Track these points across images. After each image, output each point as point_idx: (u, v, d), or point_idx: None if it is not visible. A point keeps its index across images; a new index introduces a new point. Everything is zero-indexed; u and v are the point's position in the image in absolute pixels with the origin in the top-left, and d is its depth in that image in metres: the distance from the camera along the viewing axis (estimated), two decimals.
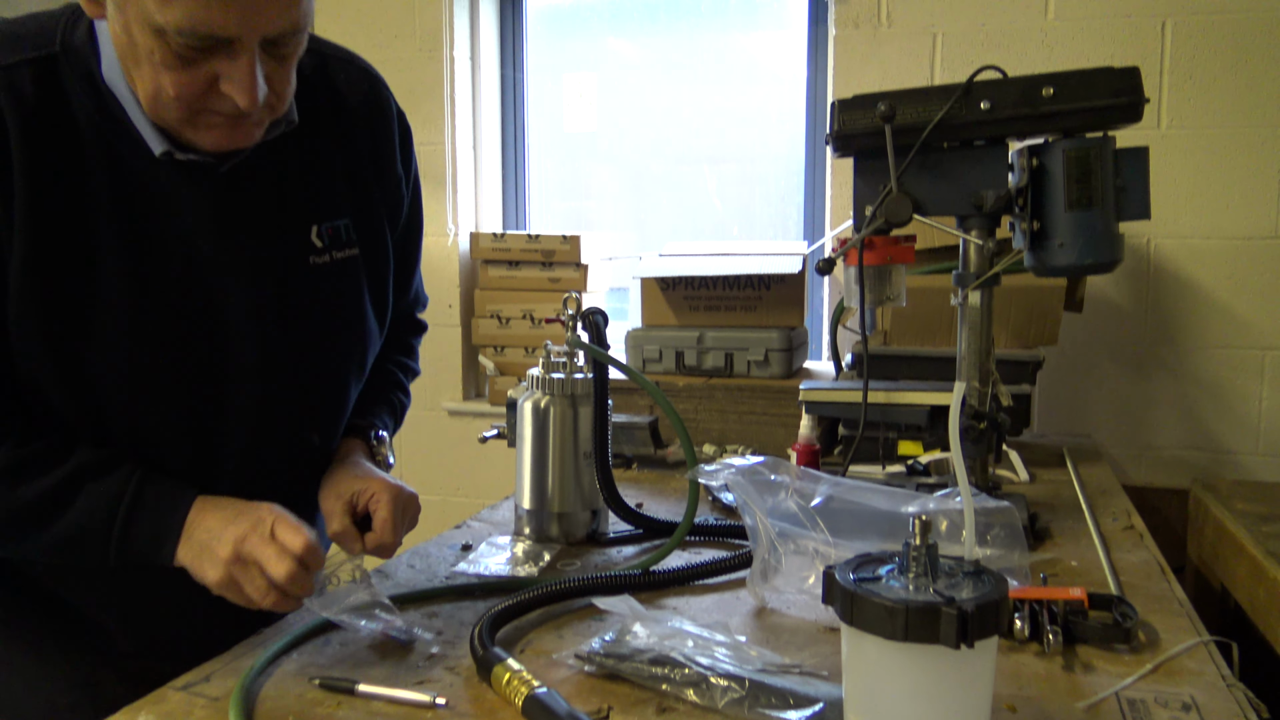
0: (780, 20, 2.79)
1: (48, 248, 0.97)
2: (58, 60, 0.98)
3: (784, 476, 1.19)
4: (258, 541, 0.97)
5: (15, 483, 0.98)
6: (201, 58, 0.91)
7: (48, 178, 0.97)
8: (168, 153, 1.00)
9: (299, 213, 1.12)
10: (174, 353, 1.05)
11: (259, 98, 0.94)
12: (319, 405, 1.19)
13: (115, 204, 1.00)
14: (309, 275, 1.12)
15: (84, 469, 1.00)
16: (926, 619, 0.72)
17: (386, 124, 1.22)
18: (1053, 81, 1.30)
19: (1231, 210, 2.30)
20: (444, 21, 2.77)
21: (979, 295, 1.38)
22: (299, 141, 1.11)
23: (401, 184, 1.24)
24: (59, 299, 0.98)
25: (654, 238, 2.94)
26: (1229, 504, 1.98)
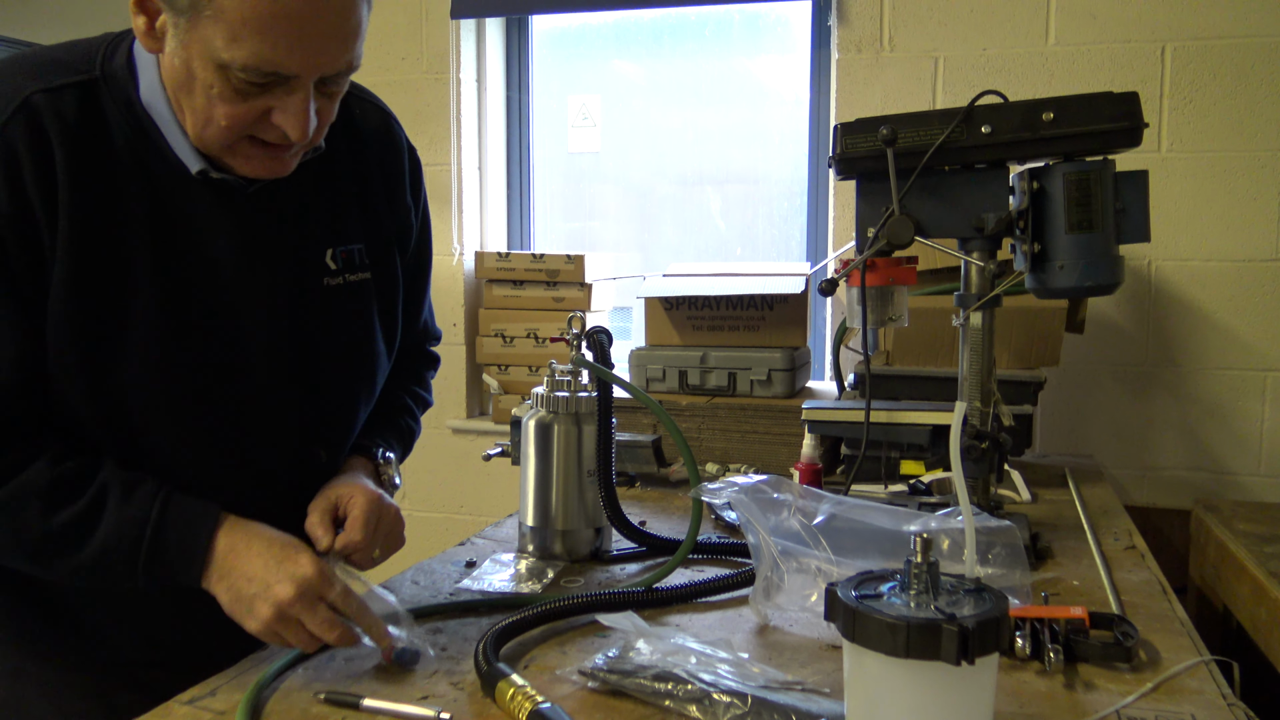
0: (784, 44, 2.82)
1: (87, 266, 1.00)
2: (98, 84, 1.02)
3: (787, 495, 1.20)
4: (305, 608, 0.99)
5: (48, 508, 0.99)
6: (258, 92, 0.96)
7: (89, 197, 1.00)
8: (204, 171, 1.04)
9: (316, 236, 1.16)
10: (196, 368, 1.07)
11: (308, 133, 0.99)
12: (327, 422, 1.21)
13: (149, 223, 1.03)
14: (323, 296, 1.16)
15: (108, 491, 1.01)
16: (928, 636, 0.73)
17: (398, 156, 1.27)
18: (1053, 106, 1.32)
19: (1232, 233, 2.31)
20: (451, 44, 2.80)
21: (980, 316, 1.39)
22: (318, 168, 1.15)
23: (411, 213, 1.29)
24: (95, 316, 1.01)
25: (658, 258, 2.96)
26: (1231, 524, 1.98)
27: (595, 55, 2.98)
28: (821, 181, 2.74)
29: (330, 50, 0.96)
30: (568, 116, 2.99)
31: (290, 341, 1.13)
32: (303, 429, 1.17)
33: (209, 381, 1.08)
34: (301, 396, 1.16)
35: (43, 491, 0.99)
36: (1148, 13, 2.31)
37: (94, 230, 1.00)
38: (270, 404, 1.13)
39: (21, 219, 0.97)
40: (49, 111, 0.98)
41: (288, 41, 0.92)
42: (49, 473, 0.99)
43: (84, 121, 1.00)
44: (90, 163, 1.00)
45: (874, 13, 2.46)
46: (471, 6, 2.77)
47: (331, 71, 0.98)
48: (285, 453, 1.16)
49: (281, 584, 0.98)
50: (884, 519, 1.16)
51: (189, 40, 0.94)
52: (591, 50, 2.98)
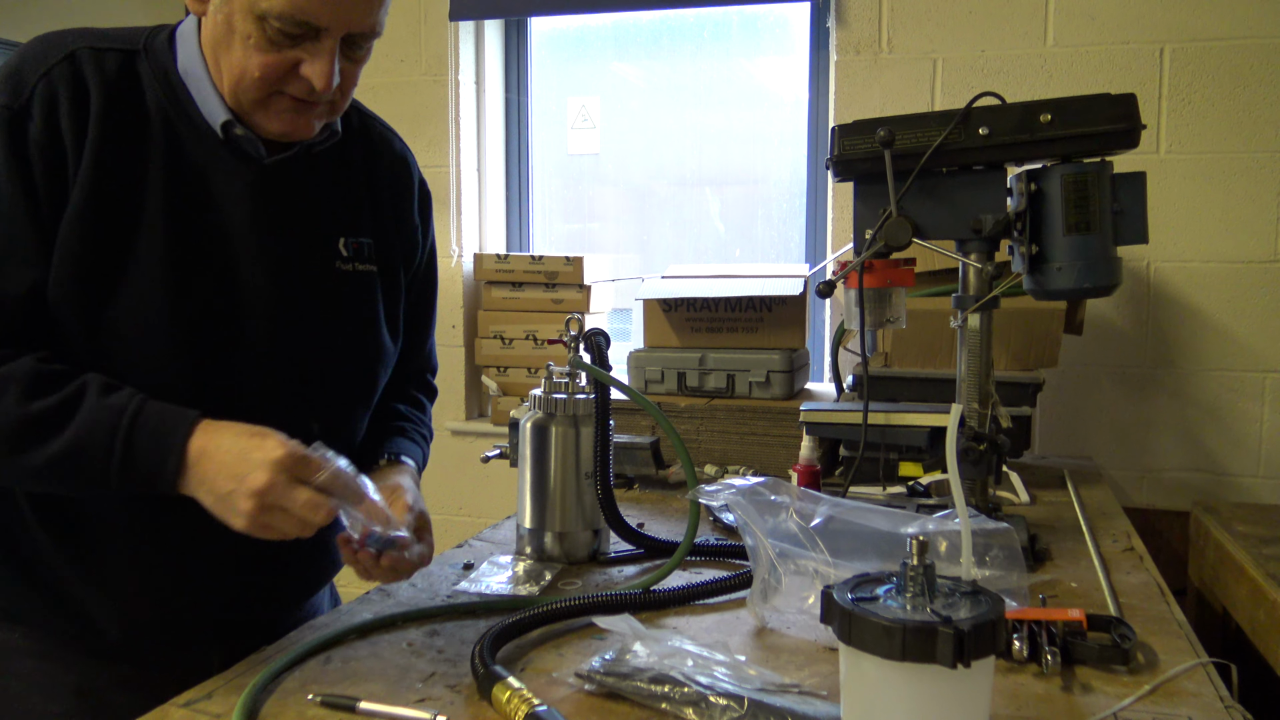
0: (782, 45, 2.82)
1: (101, 204, 1.06)
2: (139, 55, 1.13)
3: (784, 497, 1.19)
4: (283, 491, 0.97)
5: (28, 395, 1.00)
6: (290, 44, 1.06)
7: (114, 143, 1.07)
8: (229, 123, 1.11)
9: (328, 222, 1.22)
10: (193, 317, 1.10)
11: (333, 84, 1.08)
12: (322, 395, 1.22)
13: (167, 176, 1.10)
14: (333, 278, 1.21)
15: (87, 386, 1.02)
16: (923, 638, 0.73)
17: (409, 179, 1.35)
18: (1050, 108, 1.32)
19: (1230, 234, 2.31)
20: (450, 47, 2.81)
21: (978, 318, 1.39)
22: (333, 164, 1.23)
23: (417, 232, 1.34)
24: (101, 251, 1.06)
25: (656, 259, 2.96)
26: (1229, 526, 1.98)
27: (594, 57, 2.98)
28: (820, 183, 2.74)
29: (358, 9, 1.07)
30: (567, 118, 3.00)
31: (292, 314, 1.17)
32: (296, 399, 1.19)
33: (204, 334, 1.11)
34: (295, 368, 1.18)
35: (24, 379, 1.01)
36: (1146, 14, 2.31)
37: (113, 173, 1.07)
38: (264, 368, 1.16)
39: (52, 149, 1.04)
40: (91, 64, 1.08)
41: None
42: (33, 366, 1.02)
43: (121, 79, 1.10)
44: (121, 115, 1.08)
45: (872, 14, 2.46)
46: (470, 8, 2.77)
47: (358, 29, 1.08)
48: (276, 420, 1.14)
49: (254, 472, 0.97)
50: (881, 521, 1.15)
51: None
52: (590, 52, 2.98)
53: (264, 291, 1.15)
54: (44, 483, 1.05)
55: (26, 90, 1.05)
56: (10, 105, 1.04)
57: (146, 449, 1.01)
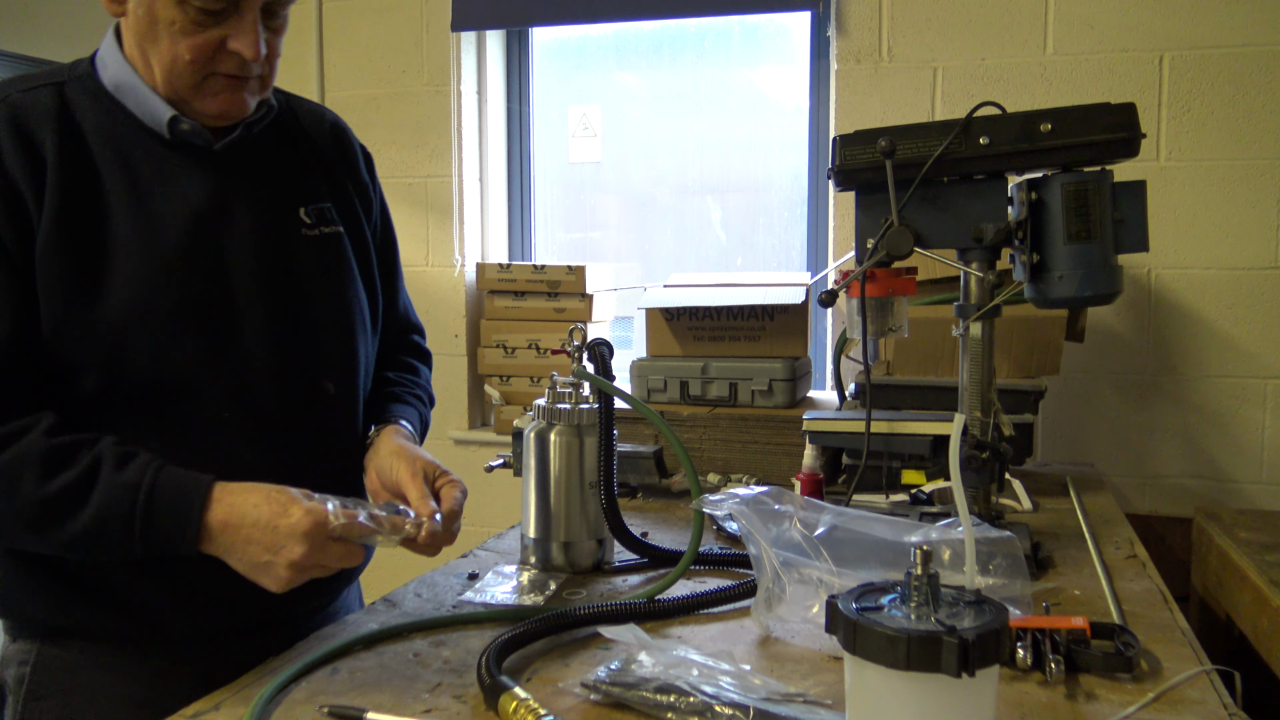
0: (783, 54, 2.83)
1: (70, 228, 1.09)
2: (67, 85, 1.17)
3: (788, 506, 1.20)
4: (317, 554, 1.03)
5: (44, 475, 1.02)
6: (213, 22, 1.10)
7: (71, 171, 1.11)
8: (175, 119, 1.15)
9: (287, 194, 1.26)
10: (186, 304, 1.14)
11: (260, 53, 1.12)
12: (329, 355, 1.27)
13: (126, 187, 1.14)
14: (303, 243, 1.25)
15: (102, 460, 1.05)
16: (928, 648, 0.73)
17: (349, 141, 1.39)
18: (1050, 117, 1.32)
19: (1231, 241, 2.32)
20: (452, 57, 2.82)
21: (980, 326, 1.40)
22: (277, 139, 1.28)
23: (369, 189, 1.40)
24: (80, 267, 1.09)
25: (658, 268, 2.97)
26: (1232, 533, 1.98)
27: (595, 66, 2.99)
28: (821, 190, 2.75)
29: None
30: (568, 127, 3.01)
31: (280, 284, 1.21)
32: (306, 364, 1.23)
33: (203, 319, 1.15)
34: (297, 333, 1.23)
35: (38, 459, 1.03)
36: (1145, 22, 2.32)
37: (76, 198, 1.10)
38: (270, 341, 1.19)
39: (7, 192, 1.07)
40: (28, 104, 1.12)
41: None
42: (44, 442, 1.04)
43: (59, 111, 1.13)
44: (67, 142, 1.12)
45: (873, 23, 2.47)
46: (472, 19, 2.78)
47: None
48: (293, 387, 1.23)
49: (289, 545, 1.02)
50: (885, 530, 1.16)
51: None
52: (592, 61, 2.99)
53: (247, 268, 1.18)
54: (69, 553, 1.09)
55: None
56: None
57: (165, 519, 1.04)
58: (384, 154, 2.86)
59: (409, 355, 1.49)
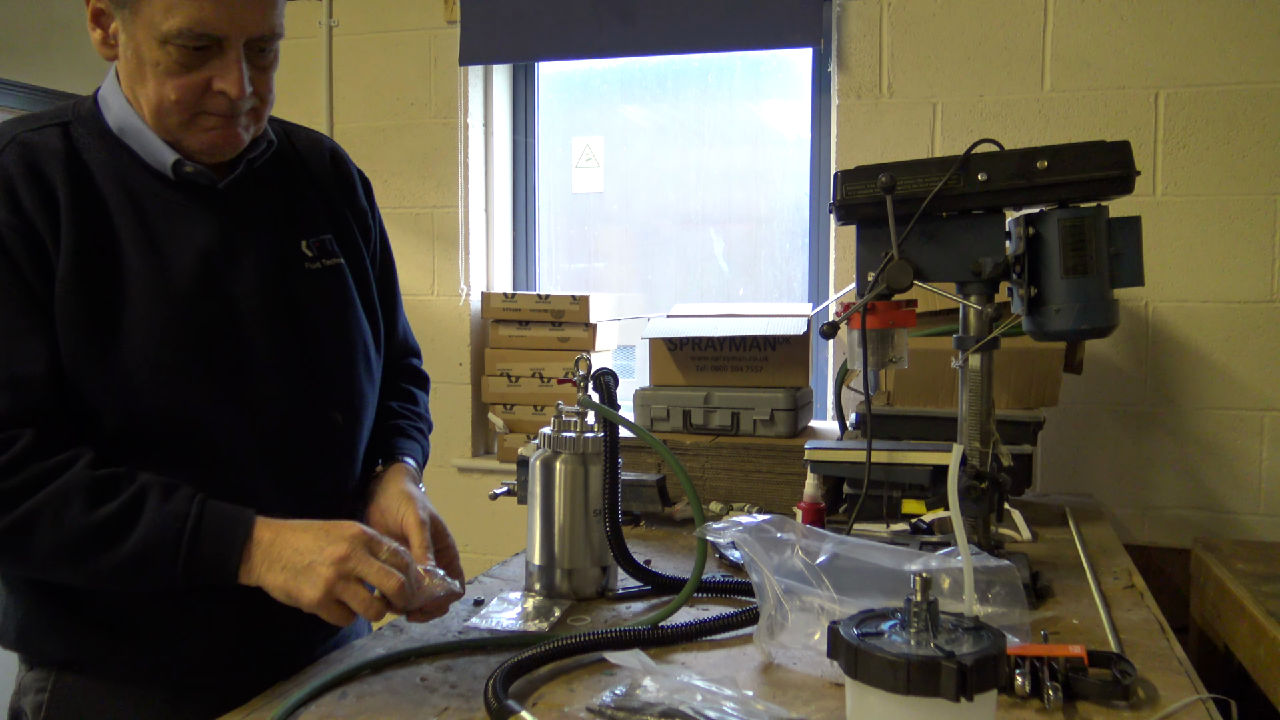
0: (785, 89, 2.87)
1: (85, 270, 1.11)
2: (71, 125, 1.18)
3: (790, 534, 1.22)
4: (361, 560, 1.04)
5: (90, 504, 1.04)
6: (197, 62, 1.11)
7: (84, 210, 1.13)
8: (179, 163, 1.17)
9: (289, 228, 1.28)
10: (198, 345, 1.16)
11: (245, 90, 1.13)
12: (335, 387, 1.29)
13: (135, 227, 1.15)
14: (306, 277, 1.27)
15: (148, 490, 1.07)
16: (927, 673, 0.75)
17: (346, 168, 1.41)
18: (1047, 154, 1.36)
19: (1227, 275, 2.35)
20: (459, 90, 2.86)
21: (979, 358, 1.42)
22: (278, 174, 1.30)
23: (368, 215, 1.42)
24: (96, 308, 1.11)
25: (661, 297, 3.00)
26: (1229, 564, 1.99)
27: (600, 99, 3.04)
28: (823, 222, 2.78)
29: (251, 14, 1.11)
30: (571, 157, 3.05)
31: (284, 319, 1.23)
32: (313, 395, 1.25)
33: (213, 360, 1.16)
34: (303, 365, 1.24)
35: (84, 490, 1.05)
36: (1141, 61, 2.36)
37: (90, 237, 1.12)
38: (275, 372, 1.21)
39: (25, 230, 1.09)
40: (36, 143, 1.14)
41: (214, 5, 1.08)
42: (89, 474, 1.06)
43: (67, 151, 1.15)
44: (79, 182, 1.14)
45: (873, 60, 2.52)
46: (479, 54, 2.83)
47: (256, 32, 1.12)
48: (302, 419, 1.24)
49: (334, 544, 1.04)
50: (885, 558, 1.18)
51: (134, 28, 1.10)
52: (596, 94, 3.04)
53: (253, 306, 1.20)
54: (109, 584, 1.10)
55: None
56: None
57: (211, 547, 1.06)
58: (391, 185, 2.90)
59: (408, 381, 1.50)
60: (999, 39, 2.43)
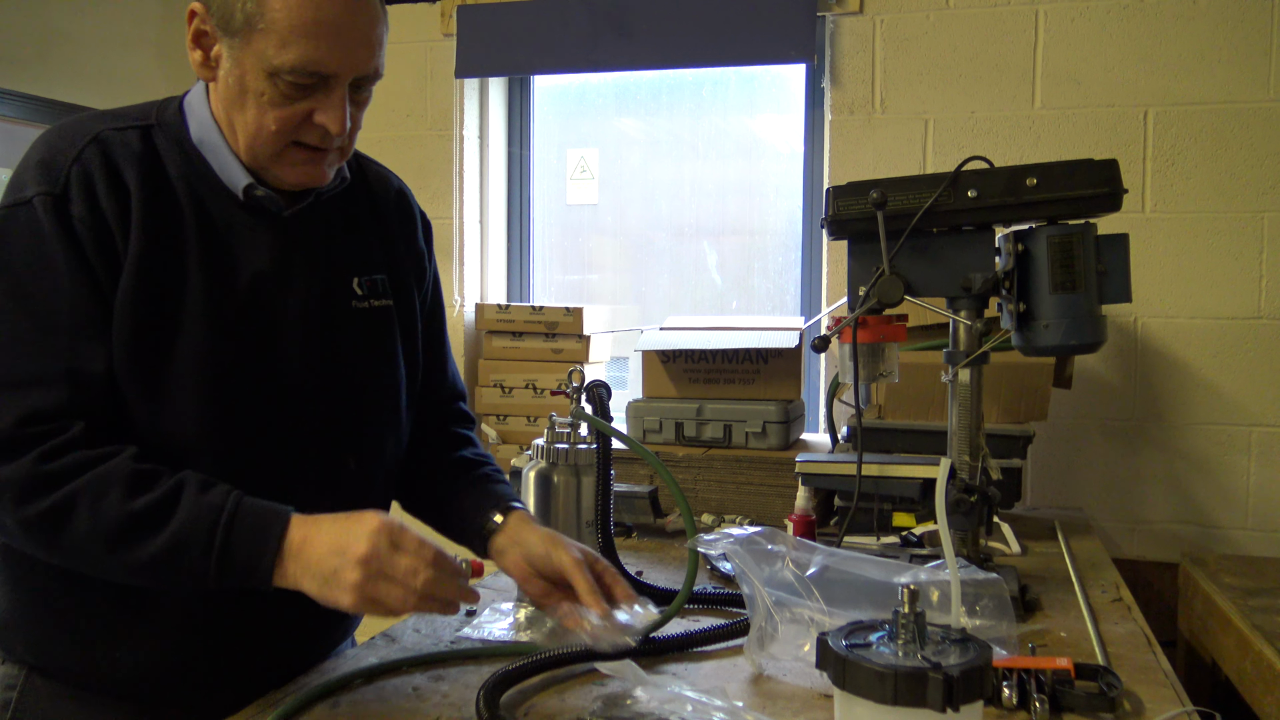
0: (779, 103, 2.89)
1: (149, 278, 1.11)
2: (154, 129, 1.18)
3: (781, 546, 1.23)
4: (386, 556, 1.03)
5: (128, 493, 1.04)
6: (302, 96, 1.12)
7: (155, 216, 1.13)
8: (250, 186, 1.17)
9: (343, 263, 1.27)
10: (239, 370, 1.16)
11: (345, 128, 1.14)
12: (356, 431, 1.28)
13: (200, 242, 1.15)
14: (351, 317, 1.26)
15: (185, 483, 1.07)
16: (914, 684, 0.76)
17: (411, 210, 1.41)
18: (1036, 172, 1.37)
19: (1215, 291, 2.37)
20: (454, 102, 2.88)
21: (969, 373, 1.43)
22: (343, 207, 1.29)
23: (424, 259, 1.40)
24: (153, 322, 1.11)
25: (654, 309, 3.01)
26: (1217, 578, 2.01)
27: (595, 112, 3.06)
28: (815, 235, 2.80)
29: (362, 52, 1.13)
30: (566, 169, 3.06)
31: (321, 355, 1.22)
32: (334, 436, 1.25)
33: (251, 385, 1.16)
34: (332, 405, 1.24)
35: (124, 479, 1.04)
36: (1130, 79, 2.38)
37: (158, 245, 1.12)
38: (305, 410, 1.21)
39: (98, 228, 1.09)
40: (117, 142, 1.14)
41: (329, 44, 1.09)
42: (131, 465, 1.06)
43: (145, 153, 1.15)
44: (152, 186, 1.13)
45: (866, 76, 2.54)
46: (475, 67, 2.85)
47: (363, 73, 1.15)
48: (319, 458, 1.24)
49: (356, 543, 1.03)
50: (875, 571, 1.19)
51: (242, 57, 1.10)
52: (592, 107, 3.06)
53: (292, 335, 1.20)
54: (141, 578, 1.08)
55: (61, 175, 1.09)
56: (50, 191, 1.08)
57: (245, 543, 1.05)
58: None
59: (464, 426, 1.48)
60: (990, 57, 2.46)
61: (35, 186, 1.09)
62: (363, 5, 1.12)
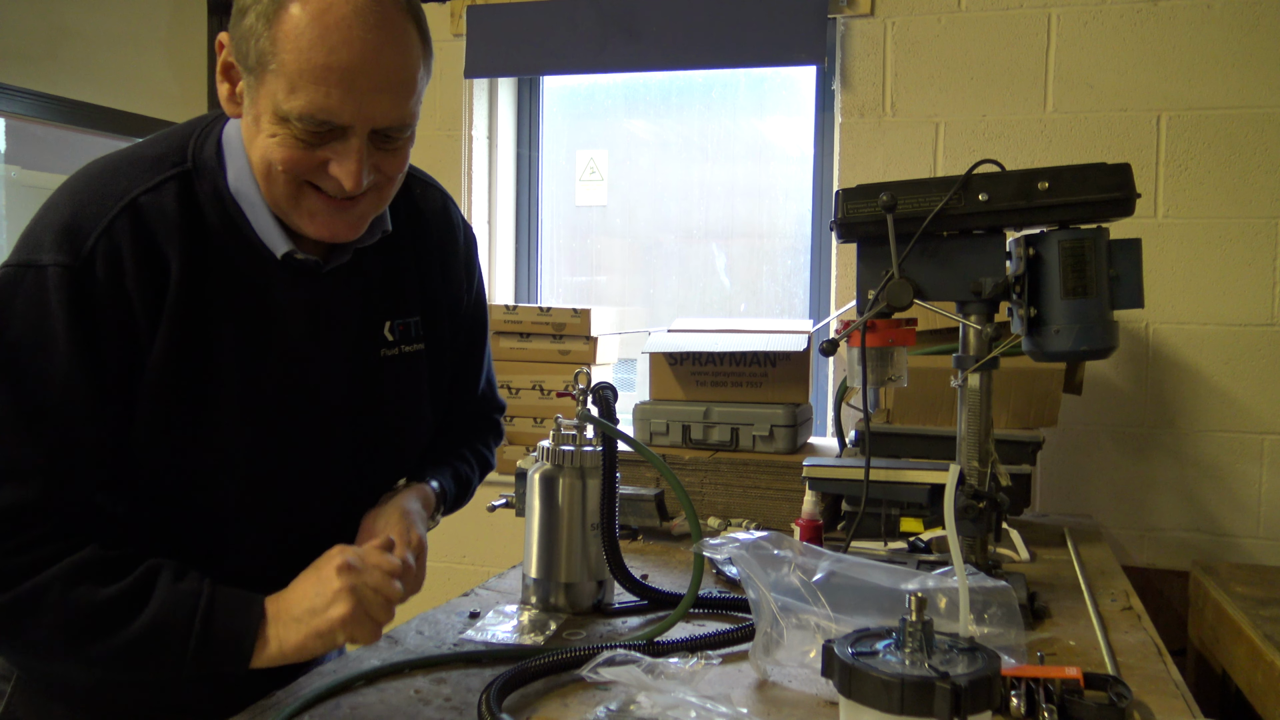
0: (789, 105, 2.88)
1: (180, 350, 1.06)
2: (191, 176, 1.09)
3: (787, 551, 1.22)
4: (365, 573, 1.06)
5: (100, 583, 1.01)
6: (317, 142, 1.03)
7: (191, 285, 1.06)
8: (290, 253, 1.11)
9: (377, 309, 1.23)
10: (272, 438, 1.13)
11: (362, 182, 1.05)
12: (373, 477, 1.27)
13: (233, 305, 1.10)
14: (379, 365, 1.22)
15: (160, 570, 1.04)
16: (921, 693, 0.75)
17: (454, 234, 1.37)
18: (1048, 176, 1.36)
19: (1227, 297, 2.35)
20: (464, 103, 2.88)
21: (978, 378, 1.42)
22: (384, 249, 1.23)
23: (462, 286, 1.37)
24: (185, 394, 1.06)
25: (662, 312, 3.00)
26: (1228, 587, 1.99)
27: (605, 113, 3.05)
28: (824, 238, 2.79)
29: (380, 103, 1.03)
30: (575, 171, 3.06)
31: (350, 408, 1.20)
32: (355, 486, 1.23)
33: (282, 448, 1.14)
34: (356, 458, 1.22)
35: (94, 569, 1.01)
36: (1143, 83, 2.37)
37: (191, 318, 1.06)
38: (328, 468, 1.19)
39: (117, 309, 1.02)
40: (154, 212, 1.05)
41: (340, 92, 1.00)
42: (100, 553, 1.02)
43: (183, 213, 1.07)
44: (194, 251, 1.07)
45: (876, 79, 2.53)
46: (484, 67, 2.84)
47: (384, 124, 1.04)
48: (333, 513, 1.22)
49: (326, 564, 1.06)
50: (882, 577, 1.17)
51: (257, 96, 1.03)
52: (601, 108, 3.05)
53: (324, 393, 1.17)
54: (111, 670, 1.04)
55: (86, 247, 1.01)
56: (70, 265, 1.00)
57: (225, 626, 1.03)
58: None
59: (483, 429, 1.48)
60: (1002, 60, 2.45)
61: (53, 254, 1.00)
62: (388, 48, 1.02)
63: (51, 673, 1.11)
